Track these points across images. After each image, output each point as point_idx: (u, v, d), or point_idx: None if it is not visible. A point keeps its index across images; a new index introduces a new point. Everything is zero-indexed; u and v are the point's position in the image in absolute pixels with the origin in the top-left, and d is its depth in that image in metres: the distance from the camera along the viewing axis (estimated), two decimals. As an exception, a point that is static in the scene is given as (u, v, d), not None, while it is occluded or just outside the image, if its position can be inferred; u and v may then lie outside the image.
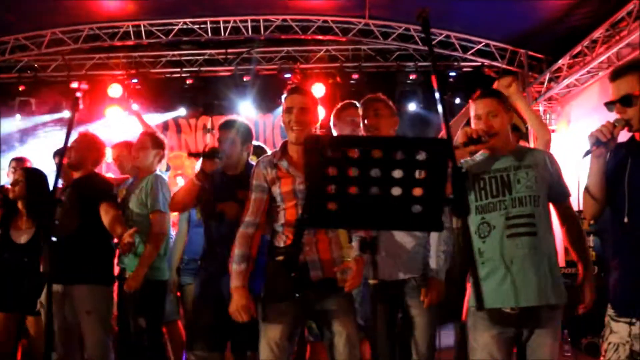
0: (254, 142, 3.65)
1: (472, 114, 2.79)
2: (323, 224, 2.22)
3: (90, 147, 3.96)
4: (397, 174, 1.59)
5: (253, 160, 3.47)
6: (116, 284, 3.82)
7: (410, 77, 8.09)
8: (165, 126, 8.28)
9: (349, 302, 2.93)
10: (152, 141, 3.95)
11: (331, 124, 3.74)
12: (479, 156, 2.81)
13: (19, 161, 4.75)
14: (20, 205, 4.00)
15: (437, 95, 1.79)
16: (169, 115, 8.09)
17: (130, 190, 3.87)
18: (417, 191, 1.57)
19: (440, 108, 1.73)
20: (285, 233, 2.91)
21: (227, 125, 3.45)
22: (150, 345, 3.61)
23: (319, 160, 1.53)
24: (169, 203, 3.61)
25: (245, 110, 7.93)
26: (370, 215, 1.62)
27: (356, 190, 1.57)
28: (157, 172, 3.98)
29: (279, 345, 2.85)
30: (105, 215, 3.69)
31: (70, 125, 2.61)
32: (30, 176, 4.01)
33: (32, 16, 7.60)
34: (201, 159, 3.27)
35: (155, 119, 8.01)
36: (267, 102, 8.10)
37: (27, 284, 3.85)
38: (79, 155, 3.90)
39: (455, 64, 8.15)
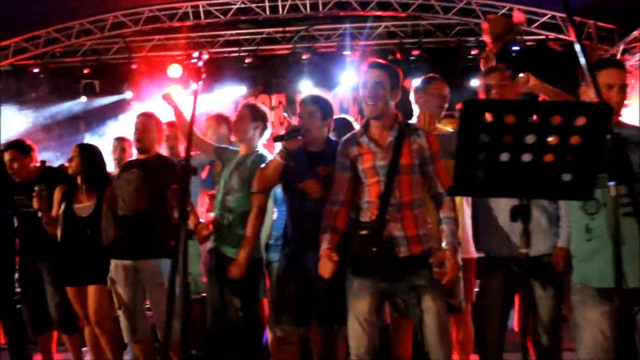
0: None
1: (598, 81, 2.69)
2: (470, 192, 2.20)
3: (154, 128, 4.01)
4: (551, 140, 1.55)
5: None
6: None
7: (472, 53, 7.92)
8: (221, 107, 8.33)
9: (437, 279, 2.91)
10: (251, 113, 3.73)
11: (411, 98, 3.69)
12: None
13: (121, 140, 4.83)
14: (79, 180, 4.08)
15: (577, 47, 1.74)
16: (228, 94, 8.10)
17: (231, 164, 3.72)
18: (569, 158, 1.53)
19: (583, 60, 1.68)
20: (370, 209, 2.91)
21: (307, 100, 3.43)
22: (246, 323, 3.61)
23: (474, 126, 1.50)
24: (254, 182, 3.60)
25: (305, 88, 7.91)
26: (518, 184, 1.59)
27: (507, 158, 1.54)
28: (259, 148, 3.76)
29: (367, 319, 2.87)
30: (175, 199, 3.78)
31: (195, 96, 2.60)
32: (84, 152, 4.10)
33: (94, 1, 7.75)
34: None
35: (214, 98, 8.08)
36: (326, 79, 8.05)
37: (92, 257, 3.95)
38: (146, 137, 3.95)
39: (519, 37, 7.92)
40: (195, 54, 2.76)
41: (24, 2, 7.24)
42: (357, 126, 3.64)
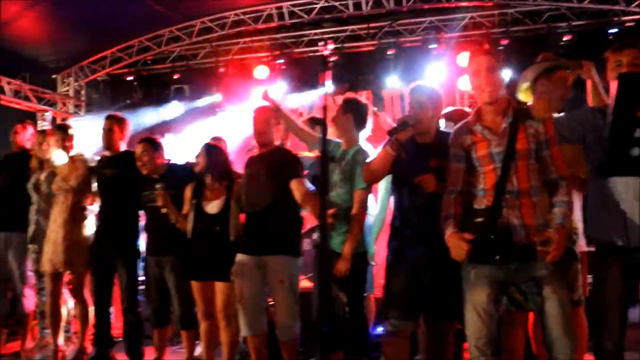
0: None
1: None
2: (622, 171, 2.11)
3: (272, 121, 4.02)
4: None
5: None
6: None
7: (564, 39, 7.60)
8: (310, 105, 8.40)
9: (557, 265, 2.79)
10: (349, 107, 3.76)
11: (525, 86, 3.57)
12: None
13: (217, 139, 4.99)
14: (207, 178, 4.18)
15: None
16: (315, 94, 8.15)
17: (333, 159, 3.74)
18: None
19: None
20: (486, 197, 2.85)
21: (417, 91, 3.41)
22: (353, 318, 3.61)
23: (631, 101, 1.43)
24: (362, 174, 3.59)
25: (391, 83, 7.85)
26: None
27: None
28: (361, 142, 3.78)
29: (485, 310, 2.81)
30: (296, 191, 3.76)
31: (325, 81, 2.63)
32: (210, 151, 4.20)
33: (183, 8, 8.00)
34: None
35: (301, 98, 8.16)
36: (412, 74, 7.93)
37: (221, 253, 4.03)
38: (265, 130, 3.98)
39: (616, 19, 7.53)
40: (321, 44, 2.79)
41: (119, 14, 7.60)
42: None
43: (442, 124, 3.67)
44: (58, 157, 4.85)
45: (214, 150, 4.23)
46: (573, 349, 2.76)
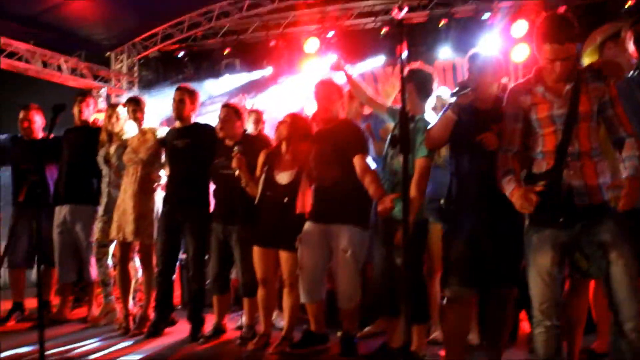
0: None
1: None
2: None
3: (336, 95, 4.03)
4: None
5: None
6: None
7: (626, 6, 7.30)
8: (361, 77, 8.34)
9: (622, 228, 2.74)
10: (412, 76, 3.73)
11: (591, 49, 3.49)
12: None
13: (254, 112, 5.05)
14: (283, 147, 4.20)
15: None
16: (366, 66, 8.09)
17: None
18: None
19: None
20: (546, 160, 2.83)
21: (476, 57, 3.38)
22: (415, 285, 3.62)
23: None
24: (424, 141, 3.58)
25: (444, 54, 7.73)
26: None
27: None
28: (426, 112, 3.78)
29: (550, 273, 2.78)
30: (357, 167, 3.81)
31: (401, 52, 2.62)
32: (294, 121, 4.22)
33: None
34: None
35: (353, 70, 8.09)
36: (465, 45, 7.79)
37: (287, 222, 4.08)
38: (329, 105, 4.00)
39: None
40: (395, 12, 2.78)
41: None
42: None
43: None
44: (129, 129, 4.98)
45: (297, 121, 4.26)
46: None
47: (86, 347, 4.45)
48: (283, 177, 4.15)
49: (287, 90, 8.22)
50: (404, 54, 2.57)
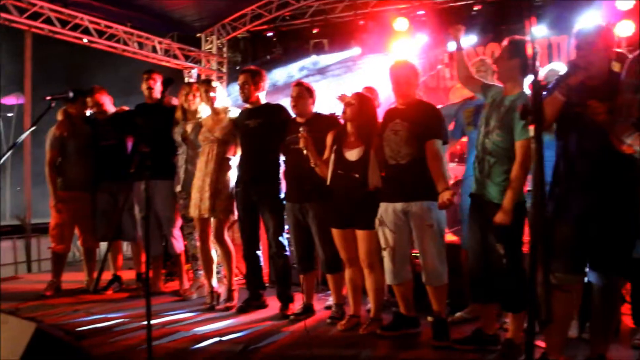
0: None
1: None
2: None
3: (412, 76, 3.96)
4: None
5: None
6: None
7: None
8: (450, 56, 8.13)
9: None
10: (511, 50, 3.49)
11: None
12: None
13: (368, 89, 5.03)
14: (349, 127, 4.19)
15: None
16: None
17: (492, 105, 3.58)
18: None
19: None
20: None
21: (584, 31, 3.18)
22: (511, 270, 3.49)
23: None
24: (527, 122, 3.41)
25: (539, 32, 7.40)
26: None
27: None
28: (524, 88, 3.53)
29: None
30: (428, 151, 3.75)
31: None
32: (362, 100, 4.18)
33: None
34: None
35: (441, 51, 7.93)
36: (561, 23, 7.44)
37: (359, 201, 4.05)
38: (404, 86, 3.93)
39: None
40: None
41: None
42: None
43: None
44: (203, 109, 5.07)
45: (365, 101, 4.22)
46: None
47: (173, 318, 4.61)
48: (352, 155, 4.12)
49: (375, 70, 8.10)
50: (529, 33, 2.43)
